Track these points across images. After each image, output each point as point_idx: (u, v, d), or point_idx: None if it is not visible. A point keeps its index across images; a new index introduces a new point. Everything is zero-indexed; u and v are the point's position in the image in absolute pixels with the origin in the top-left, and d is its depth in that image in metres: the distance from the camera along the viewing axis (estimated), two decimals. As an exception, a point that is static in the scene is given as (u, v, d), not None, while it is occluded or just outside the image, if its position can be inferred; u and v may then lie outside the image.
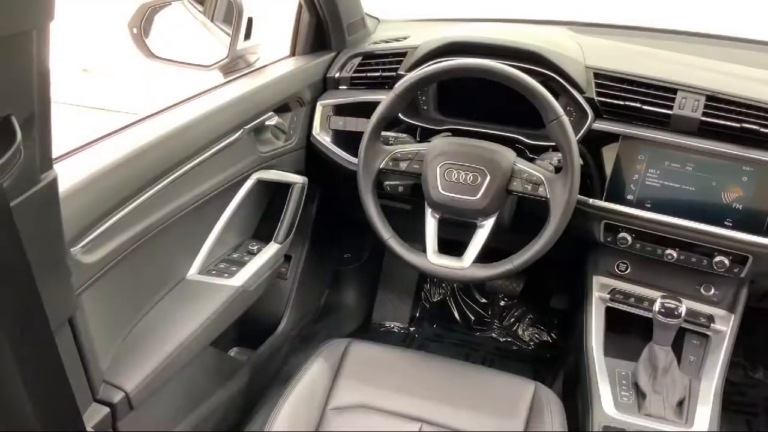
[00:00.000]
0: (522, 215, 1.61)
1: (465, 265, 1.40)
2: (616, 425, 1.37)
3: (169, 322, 1.33)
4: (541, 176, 1.37)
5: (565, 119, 1.33)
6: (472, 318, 2.46)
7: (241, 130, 1.46)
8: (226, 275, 1.48)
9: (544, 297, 2.37)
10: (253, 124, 1.50)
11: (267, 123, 1.57)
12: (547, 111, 1.33)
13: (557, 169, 1.40)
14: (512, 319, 2.44)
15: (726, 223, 1.42)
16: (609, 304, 1.63)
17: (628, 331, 1.61)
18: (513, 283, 2.34)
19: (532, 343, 2.38)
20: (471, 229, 1.44)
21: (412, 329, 2.43)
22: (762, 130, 1.39)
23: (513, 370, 2.19)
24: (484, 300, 2.49)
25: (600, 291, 1.64)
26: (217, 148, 1.38)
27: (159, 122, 1.31)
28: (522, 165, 1.39)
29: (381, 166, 1.45)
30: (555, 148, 1.40)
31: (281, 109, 1.65)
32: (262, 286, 1.58)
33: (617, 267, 1.64)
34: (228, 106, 1.43)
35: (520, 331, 2.41)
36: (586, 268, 1.69)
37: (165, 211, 1.27)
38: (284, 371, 1.91)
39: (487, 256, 1.43)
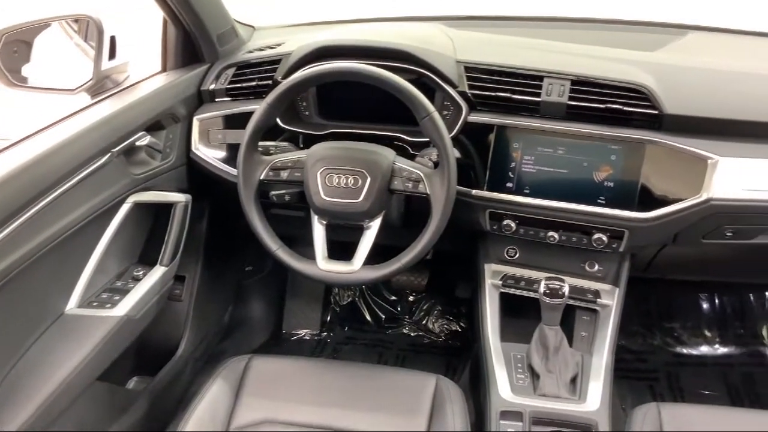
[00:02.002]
0: (412, 211, 1.63)
1: (355, 268, 1.40)
2: (512, 408, 1.41)
3: (48, 360, 1.27)
4: (420, 173, 1.38)
5: (437, 116, 1.34)
6: (383, 316, 2.47)
7: (109, 153, 1.40)
8: (108, 306, 1.43)
9: (449, 288, 2.40)
10: (122, 146, 1.44)
11: (138, 143, 1.51)
12: (418, 109, 1.34)
13: (437, 165, 1.41)
14: (421, 313, 2.47)
15: (600, 201, 1.47)
16: (502, 290, 1.66)
17: (524, 314, 1.64)
18: (417, 277, 2.37)
19: (442, 335, 2.41)
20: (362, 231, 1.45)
21: (324, 335, 2.42)
22: (625, 108, 1.45)
23: (426, 363, 2.25)
24: (393, 297, 2.50)
25: (492, 278, 1.68)
26: (84, 174, 1.33)
27: (17, 152, 1.24)
28: (401, 163, 1.40)
29: (261, 177, 1.43)
30: None
31: (155, 127, 1.59)
32: (150, 312, 1.53)
33: (507, 253, 1.68)
34: (92, 130, 1.37)
35: (430, 324, 2.44)
36: (478, 256, 1.72)
37: (32, 245, 1.21)
38: (189, 395, 1.86)
39: (383, 254, 1.43)
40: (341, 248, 1.48)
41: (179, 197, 1.62)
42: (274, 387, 1.43)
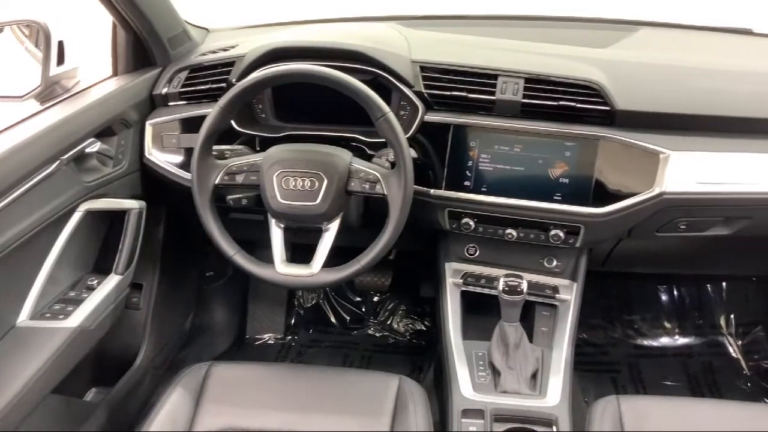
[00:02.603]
0: (371, 212, 1.62)
1: (314, 271, 1.39)
2: (474, 407, 1.41)
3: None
4: (377, 174, 1.38)
5: (392, 116, 1.34)
6: (348, 318, 2.47)
7: (59, 161, 1.37)
8: (61, 317, 1.39)
9: (413, 287, 2.40)
10: (71, 153, 1.41)
11: (89, 150, 1.48)
12: (373, 109, 1.34)
13: (394, 165, 1.41)
14: (386, 313, 2.46)
15: (555, 197, 1.48)
16: (463, 288, 1.67)
17: (486, 311, 1.65)
18: (381, 278, 2.36)
19: (407, 334, 2.42)
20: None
21: (288, 338, 2.40)
22: (578, 105, 1.46)
23: (392, 363, 2.25)
24: (357, 298, 2.50)
25: (453, 276, 1.68)
26: (33, 182, 1.29)
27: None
28: (358, 164, 1.40)
29: (216, 182, 1.41)
30: None
31: (106, 133, 1.56)
32: (106, 322, 1.50)
33: (467, 251, 1.69)
34: (40, 137, 1.34)
35: (395, 324, 2.44)
36: (439, 255, 1.73)
37: None
38: (149, 405, 1.83)
39: (344, 255, 1.42)
40: (306, 251, 1.46)
41: (133, 204, 1.59)
42: (236, 393, 1.42)
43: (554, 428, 1.37)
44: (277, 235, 1.43)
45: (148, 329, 1.85)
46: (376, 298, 2.48)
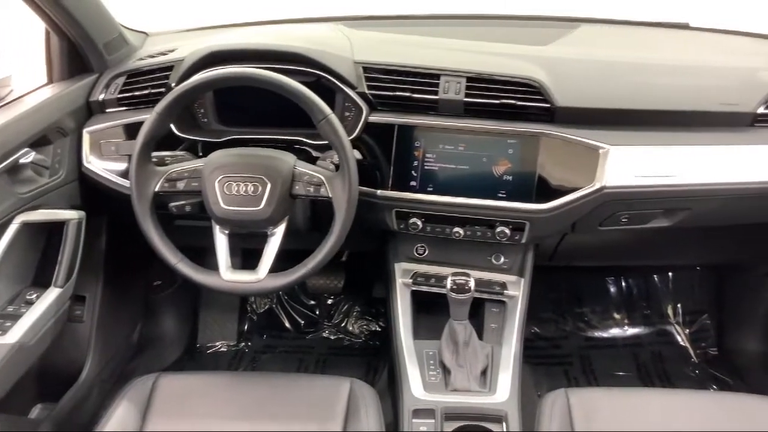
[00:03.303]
0: (319, 215, 1.61)
1: (260, 276, 1.37)
2: (424, 406, 1.41)
3: None
4: (321, 176, 1.37)
5: (333, 118, 1.33)
6: (302, 322, 2.45)
7: None
8: None
9: (366, 288, 2.40)
10: (4, 164, 1.36)
11: (23, 161, 1.43)
12: (314, 111, 1.33)
13: (339, 167, 1.40)
14: (340, 315, 2.46)
15: (500, 195, 1.49)
16: (413, 288, 1.67)
17: (437, 310, 1.65)
18: (333, 280, 2.35)
19: (362, 336, 2.41)
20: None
21: (241, 345, 2.37)
22: (519, 103, 1.48)
23: (347, 366, 2.24)
24: (311, 301, 2.48)
25: (403, 277, 1.68)
26: None
27: None
28: (302, 168, 1.38)
29: (156, 189, 1.38)
30: None
31: (41, 142, 1.51)
32: (47, 337, 1.46)
33: (416, 251, 1.69)
34: None
35: (349, 326, 2.43)
36: (388, 256, 1.73)
37: None
38: (96, 419, 1.78)
39: (293, 259, 1.41)
40: (258, 256, 1.44)
41: (71, 214, 1.54)
42: (184, 405, 1.39)
43: (504, 424, 1.38)
44: (221, 241, 1.41)
45: (92, 342, 1.80)
46: (330, 301, 2.47)
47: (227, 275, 1.37)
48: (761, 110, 1.50)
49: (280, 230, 1.40)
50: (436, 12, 2.05)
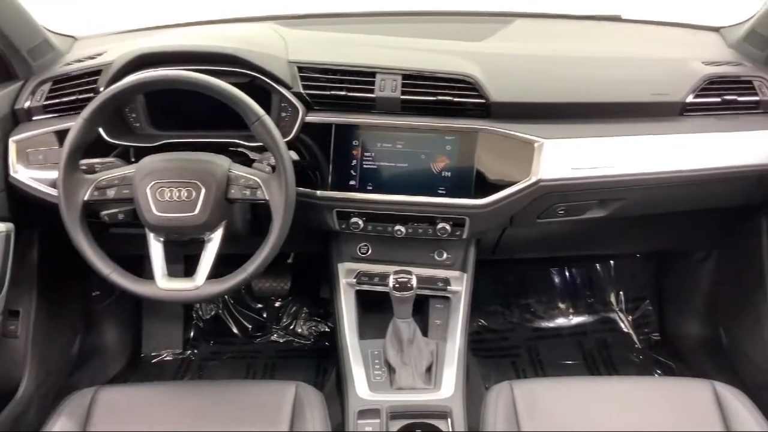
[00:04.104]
0: (259, 218, 1.58)
1: (198, 283, 1.34)
2: (369, 407, 1.41)
3: None
4: (257, 179, 1.34)
5: (267, 119, 1.31)
6: (250, 326, 2.42)
7: None
8: None
9: (313, 289, 2.38)
10: None
11: (-58, 173, 1.37)
12: (247, 113, 1.31)
13: (275, 169, 1.38)
14: (289, 318, 2.43)
15: (440, 191, 1.50)
16: (357, 288, 1.66)
17: (382, 309, 1.65)
18: (279, 282, 2.32)
19: (312, 337, 2.39)
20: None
21: (188, 353, 2.33)
22: (455, 99, 1.49)
23: (296, 368, 2.22)
24: (258, 305, 2.45)
25: (347, 277, 1.68)
26: None
27: None
28: (237, 171, 1.36)
29: (86, 198, 1.34)
30: None
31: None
32: (-25, 355, 1.40)
33: (359, 250, 1.68)
34: None
35: (298, 329, 2.41)
36: (331, 256, 1.71)
37: None
38: None
39: (235, 263, 1.38)
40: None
41: None
42: (124, 419, 1.35)
43: (448, 420, 1.38)
44: (156, 249, 1.37)
45: (29, 357, 1.74)
46: (277, 304, 2.44)
47: (163, 283, 1.34)
48: (690, 99, 1.54)
49: (217, 235, 1.37)
50: (373, 9, 2.04)
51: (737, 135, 1.55)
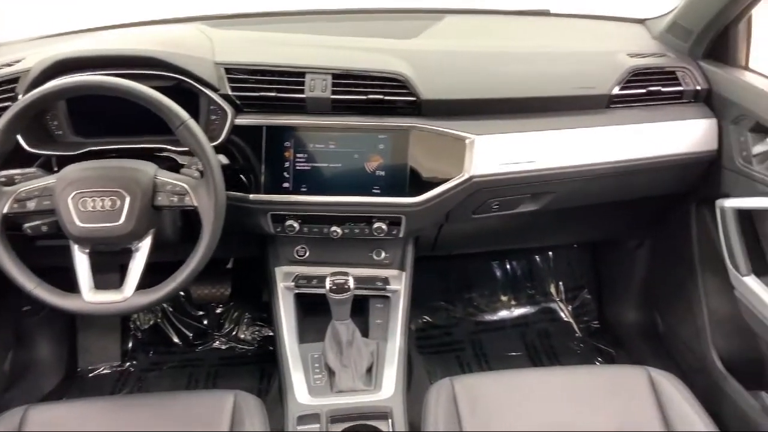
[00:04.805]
0: (191, 224, 1.54)
1: (127, 295, 1.29)
2: (309, 411, 1.39)
3: None
4: (184, 185, 1.31)
5: (192, 123, 1.28)
6: (190, 334, 2.36)
7: None
8: None
9: (255, 293, 2.34)
10: None
11: None
12: (171, 118, 1.27)
13: (204, 174, 1.35)
14: (231, 324, 2.39)
15: (374, 190, 1.49)
16: (296, 291, 1.64)
17: (323, 312, 1.63)
18: (219, 288, 2.28)
19: (255, 342, 2.36)
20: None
21: (126, 365, 2.26)
22: (386, 98, 1.48)
23: (240, 375, 2.18)
24: (199, 312, 2.40)
25: (284, 280, 1.65)
26: None
27: None
28: (164, 177, 1.32)
29: (4, 211, 1.28)
30: None
31: None
32: None
33: (296, 253, 1.66)
34: None
35: (241, 334, 2.37)
36: (268, 260, 1.69)
37: None
38: None
39: (167, 272, 1.34)
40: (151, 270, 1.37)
41: None
42: None
43: (389, 420, 1.38)
44: (81, 261, 1.32)
45: None
46: (218, 310, 2.39)
47: (90, 296, 1.29)
48: (616, 91, 1.57)
49: (145, 244, 1.33)
50: (302, 8, 2.02)
51: (662, 125, 1.59)
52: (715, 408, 1.65)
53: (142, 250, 1.32)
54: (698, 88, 1.63)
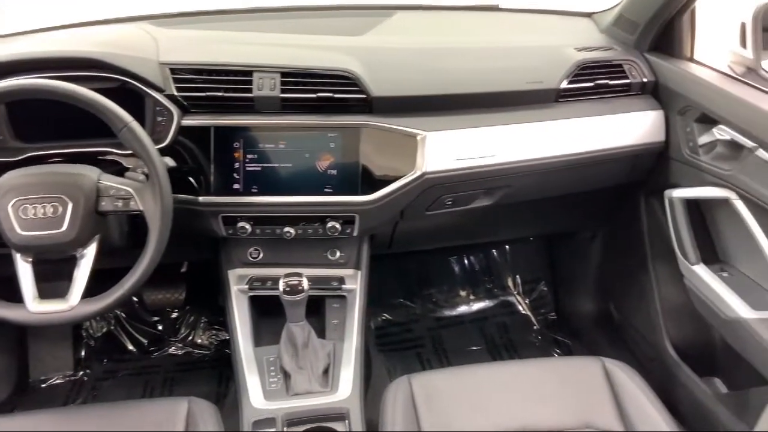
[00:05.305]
0: (138, 228, 1.51)
1: (73, 303, 1.26)
2: (264, 416, 1.37)
3: None
4: (129, 189, 1.27)
5: (135, 125, 1.25)
6: (145, 341, 2.31)
7: None
8: None
9: (211, 297, 2.30)
10: None
11: None
12: (113, 121, 1.24)
13: (149, 177, 1.31)
14: (187, 329, 2.35)
15: (326, 190, 1.47)
16: (251, 293, 1.62)
17: (278, 314, 1.61)
18: (174, 293, 2.23)
19: (212, 347, 2.32)
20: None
21: (80, 374, 2.20)
22: (336, 96, 1.46)
23: (198, 380, 2.15)
24: (154, 318, 2.34)
25: (238, 283, 1.63)
26: None
27: None
28: (108, 181, 1.28)
29: None
30: None
31: None
32: None
33: (250, 255, 1.63)
34: None
35: (197, 339, 2.33)
36: (221, 263, 1.66)
37: None
38: None
39: (117, 278, 1.30)
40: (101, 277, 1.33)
41: None
42: None
43: (346, 421, 1.37)
44: (24, 270, 1.27)
45: None
46: (174, 315, 2.34)
47: (34, 306, 1.25)
48: (564, 85, 1.59)
49: (90, 251, 1.29)
50: (250, 6, 1.99)
51: (610, 118, 1.61)
52: (669, 395, 1.69)
53: (87, 257, 1.29)
54: (645, 80, 1.65)
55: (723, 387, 1.67)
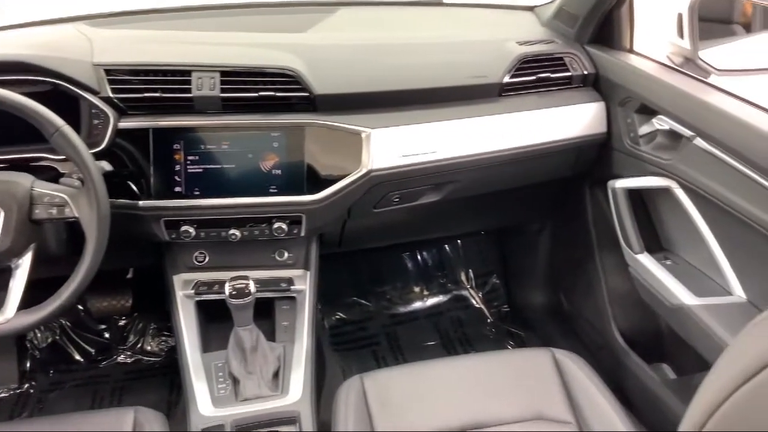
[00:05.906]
0: (77, 236, 1.46)
1: (8, 316, 1.21)
2: (213, 423, 1.35)
3: None
4: (63, 196, 1.23)
5: (67, 129, 1.21)
6: (92, 350, 2.24)
7: None
8: None
9: (159, 303, 2.25)
10: None
11: None
12: (44, 125, 1.20)
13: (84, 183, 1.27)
14: (136, 336, 2.28)
15: (271, 190, 1.45)
16: (197, 298, 1.58)
17: (227, 318, 1.58)
18: (120, 300, 2.17)
19: (163, 353, 2.26)
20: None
21: (25, 387, 2.12)
22: (278, 94, 1.44)
23: (149, 388, 2.10)
24: (101, 326, 2.28)
25: (183, 288, 1.59)
26: None
27: None
28: (42, 188, 1.24)
29: None
30: None
31: None
32: None
33: (195, 259, 1.60)
34: None
35: (147, 346, 2.27)
36: (166, 268, 1.62)
37: None
38: None
39: (56, 287, 1.26)
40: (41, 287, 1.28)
41: None
42: None
43: (297, 424, 1.35)
44: None
45: None
46: (121, 322, 2.28)
47: None
48: (507, 79, 1.59)
49: (25, 261, 1.25)
50: (190, 4, 1.94)
51: (553, 111, 1.62)
52: (619, 383, 1.71)
53: (23, 268, 1.24)
54: (586, 72, 1.67)
55: (671, 372, 1.70)
